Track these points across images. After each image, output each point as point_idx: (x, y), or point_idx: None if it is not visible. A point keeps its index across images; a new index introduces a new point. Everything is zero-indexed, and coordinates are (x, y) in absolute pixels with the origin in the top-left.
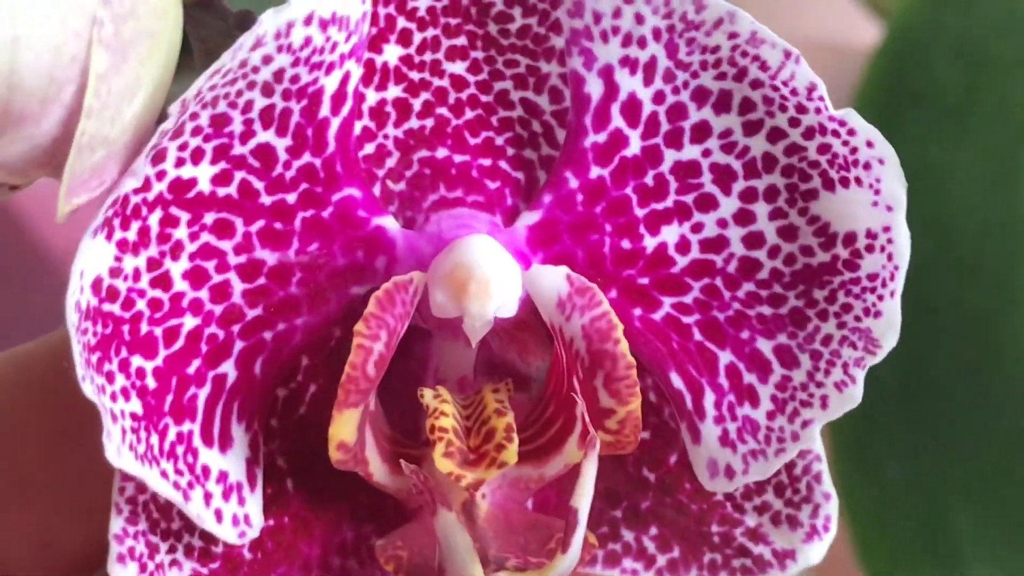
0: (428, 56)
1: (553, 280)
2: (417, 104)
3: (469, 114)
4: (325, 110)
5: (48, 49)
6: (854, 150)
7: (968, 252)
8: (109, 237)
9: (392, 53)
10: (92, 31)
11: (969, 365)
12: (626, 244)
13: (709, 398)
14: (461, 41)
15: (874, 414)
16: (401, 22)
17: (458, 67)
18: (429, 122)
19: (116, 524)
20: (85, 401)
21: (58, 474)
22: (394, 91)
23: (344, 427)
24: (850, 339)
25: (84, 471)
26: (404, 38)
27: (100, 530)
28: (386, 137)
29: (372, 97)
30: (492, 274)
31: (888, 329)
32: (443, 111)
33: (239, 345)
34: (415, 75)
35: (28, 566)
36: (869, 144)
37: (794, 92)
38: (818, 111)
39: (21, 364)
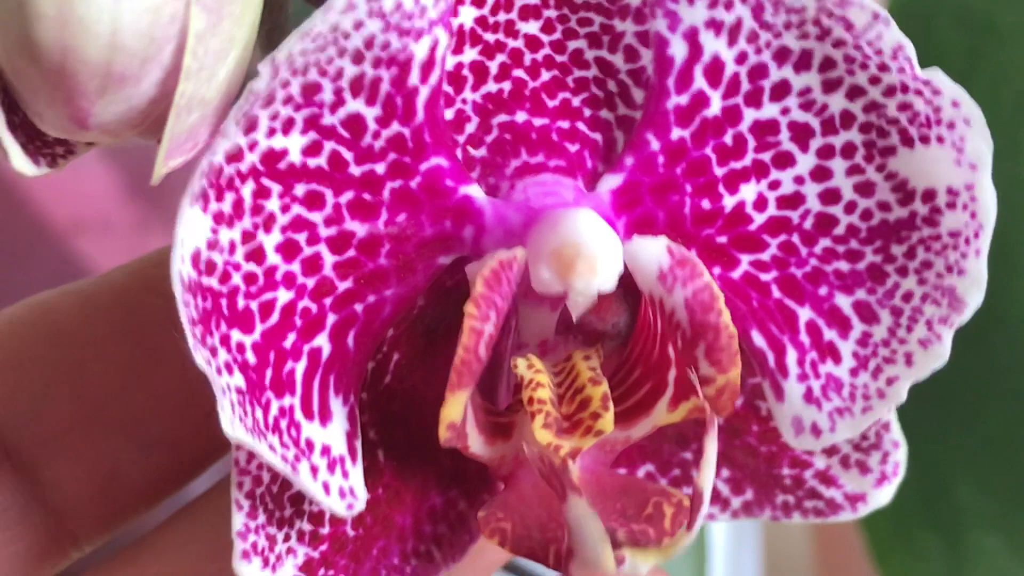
0: (502, 16)
1: (654, 253)
2: (493, 67)
3: (545, 75)
4: (414, 78)
5: (148, 10)
6: (937, 109)
7: None
8: (205, 208)
9: (467, 15)
10: None
11: (970, 333)
12: (706, 204)
13: (791, 355)
14: (534, 0)
15: None
16: None
17: (532, 27)
18: (507, 85)
19: (238, 521)
20: (150, 336)
21: (124, 407)
22: (470, 54)
23: (455, 408)
24: (932, 296)
25: (150, 405)
26: None
27: (164, 464)
28: (464, 102)
29: (450, 61)
30: (600, 252)
31: (973, 287)
32: (519, 73)
33: (332, 318)
34: (490, 36)
35: (93, 497)
36: (955, 104)
37: (879, 52)
38: (901, 70)
39: (87, 298)
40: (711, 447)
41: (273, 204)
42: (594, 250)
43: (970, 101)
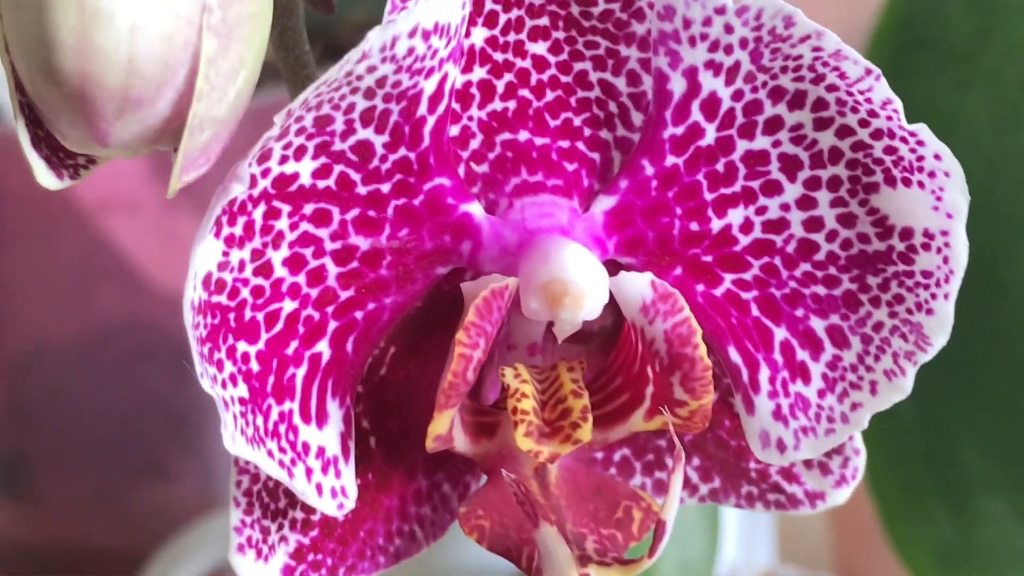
0: (512, 36)
1: (638, 287)
2: (500, 86)
3: (549, 95)
4: (423, 110)
5: (163, 37)
6: (920, 158)
7: (975, 192)
8: (217, 235)
9: (479, 35)
10: (202, 17)
11: (976, 301)
12: (694, 226)
13: (764, 373)
14: (543, 21)
15: None
16: (488, 3)
17: (540, 47)
18: (512, 104)
19: (235, 517)
20: None
21: None
22: (479, 73)
23: (443, 424)
24: (901, 330)
25: None
26: (491, 19)
27: None
28: (470, 119)
29: (458, 80)
30: (586, 288)
31: (939, 328)
32: (525, 92)
33: (333, 325)
34: (499, 56)
35: None
36: (937, 157)
37: (868, 100)
38: (889, 119)
39: None
40: (677, 481)
41: (282, 223)
42: (581, 287)
43: (951, 157)
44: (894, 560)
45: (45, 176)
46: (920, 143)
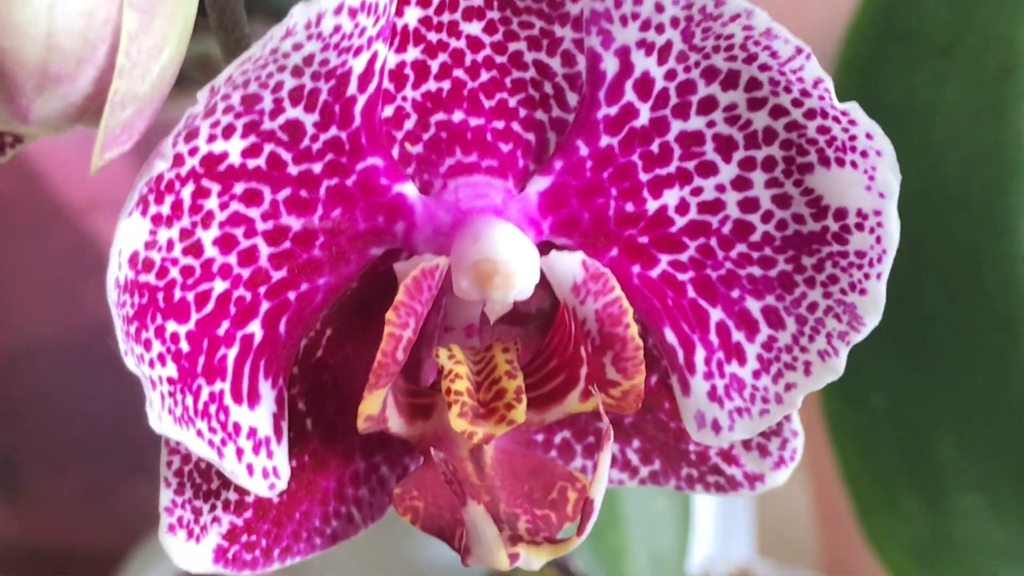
0: (446, 16)
1: (569, 266)
2: (435, 66)
3: (484, 76)
4: (352, 89)
5: (82, 13)
6: (853, 137)
7: (954, 184)
8: (144, 213)
9: (412, 15)
10: None
11: (954, 295)
12: (629, 207)
13: (700, 354)
14: (478, 1)
15: (859, 343)
16: None
17: (474, 27)
18: (446, 84)
19: (165, 497)
20: None
21: None
22: (413, 53)
23: (374, 404)
24: (835, 310)
25: None
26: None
27: None
28: (404, 99)
29: (392, 60)
30: (516, 268)
31: (872, 308)
32: (459, 73)
33: (265, 305)
34: (433, 36)
35: None
36: (868, 136)
37: (800, 80)
38: (821, 98)
39: None
40: (604, 462)
41: (212, 202)
42: (511, 266)
43: (883, 136)
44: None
45: None
46: (852, 122)
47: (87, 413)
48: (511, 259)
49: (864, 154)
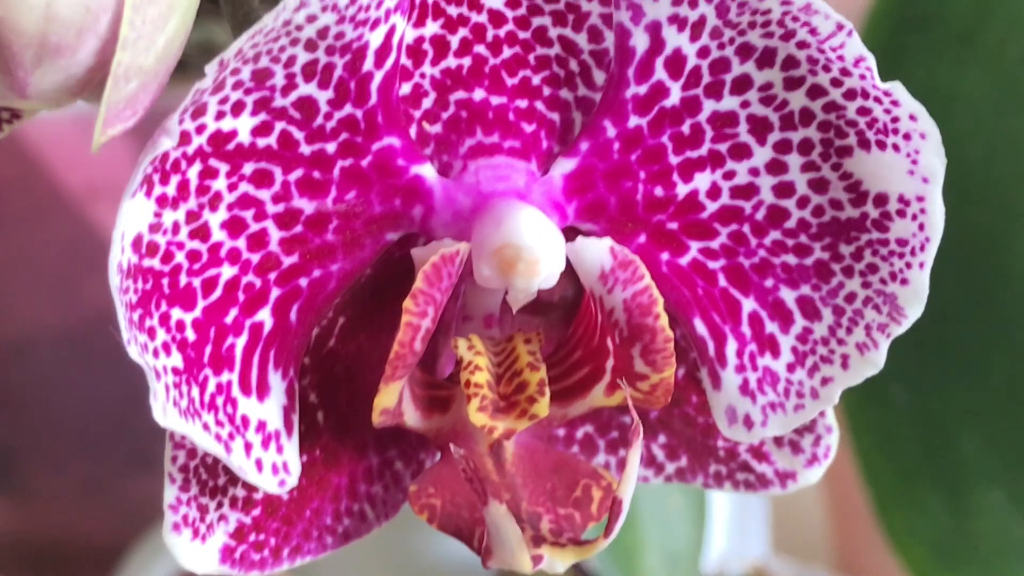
0: None
1: (597, 253)
2: (455, 42)
3: (507, 52)
4: (369, 64)
5: None
6: (895, 119)
7: (974, 174)
8: (148, 194)
9: None
10: None
11: (974, 287)
12: (659, 191)
13: (731, 346)
14: None
15: None
16: None
17: (496, 1)
18: (467, 61)
19: (170, 494)
20: None
21: None
22: (432, 27)
23: (390, 397)
24: (874, 301)
25: None
26: None
27: None
28: (423, 76)
29: (410, 34)
30: (541, 254)
31: (914, 298)
32: (480, 49)
33: (275, 293)
34: (453, 10)
35: None
36: (912, 118)
37: (840, 58)
38: (863, 77)
39: None
40: (634, 458)
41: (220, 183)
42: (535, 252)
43: (928, 118)
44: (890, 551)
45: None
46: (895, 103)
47: (87, 405)
48: (536, 245)
49: (907, 137)
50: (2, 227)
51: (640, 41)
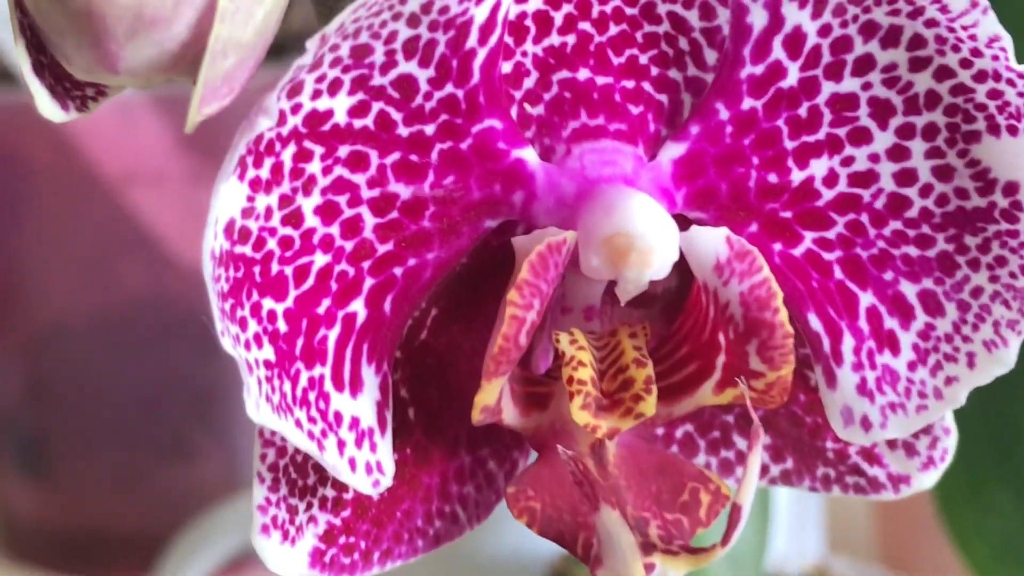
0: None
1: (712, 243)
2: (558, 18)
3: (613, 30)
4: (472, 41)
5: None
6: None
7: None
8: (242, 177)
9: None
10: None
11: None
12: (772, 177)
13: (848, 343)
14: None
15: None
16: None
17: None
18: (571, 38)
19: (259, 494)
20: None
21: None
22: (535, 3)
23: (491, 394)
24: (1003, 296)
25: None
26: None
27: None
28: (524, 55)
29: (512, 10)
30: (655, 244)
31: None
32: (585, 26)
33: (369, 282)
34: None
35: None
36: None
37: (972, 37)
38: (995, 58)
39: None
40: (755, 461)
41: (314, 167)
42: (649, 242)
43: None
44: (942, 551)
45: (48, 107)
46: None
47: (121, 393)
48: (649, 233)
49: None
50: (37, 212)
51: (758, 18)
